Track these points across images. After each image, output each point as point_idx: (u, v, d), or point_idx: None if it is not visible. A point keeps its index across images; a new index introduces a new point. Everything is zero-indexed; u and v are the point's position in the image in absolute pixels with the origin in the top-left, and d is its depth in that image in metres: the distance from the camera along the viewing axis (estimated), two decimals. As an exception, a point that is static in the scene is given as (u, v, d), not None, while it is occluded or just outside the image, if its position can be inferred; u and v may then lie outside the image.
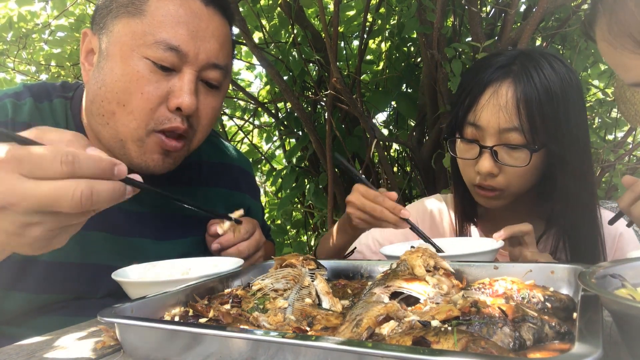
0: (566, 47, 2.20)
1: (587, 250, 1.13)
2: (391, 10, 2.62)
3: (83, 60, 1.04)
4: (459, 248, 1.02)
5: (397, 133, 3.01)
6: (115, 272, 0.89)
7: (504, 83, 1.08)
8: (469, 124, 1.12)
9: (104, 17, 0.99)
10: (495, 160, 1.09)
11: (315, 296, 0.73)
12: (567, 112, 1.07)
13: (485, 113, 1.09)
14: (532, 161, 1.07)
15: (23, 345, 0.72)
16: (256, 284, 0.75)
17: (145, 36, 0.94)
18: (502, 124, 1.07)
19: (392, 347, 0.44)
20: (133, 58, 0.94)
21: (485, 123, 1.09)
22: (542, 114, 1.05)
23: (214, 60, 1.00)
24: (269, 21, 2.90)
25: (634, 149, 2.38)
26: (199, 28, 0.97)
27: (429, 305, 0.60)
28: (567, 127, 1.07)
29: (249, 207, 1.37)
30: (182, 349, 0.55)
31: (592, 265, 0.57)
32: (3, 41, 2.85)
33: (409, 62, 2.79)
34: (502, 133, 1.07)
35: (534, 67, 1.08)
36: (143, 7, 0.95)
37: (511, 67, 1.10)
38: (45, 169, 0.55)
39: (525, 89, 1.06)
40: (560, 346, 0.51)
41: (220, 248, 1.12)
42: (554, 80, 1.07)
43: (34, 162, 0.55)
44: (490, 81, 1.10)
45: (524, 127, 1.05)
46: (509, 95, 1.06)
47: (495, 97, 1.08)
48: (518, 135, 1.06)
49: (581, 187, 1.11)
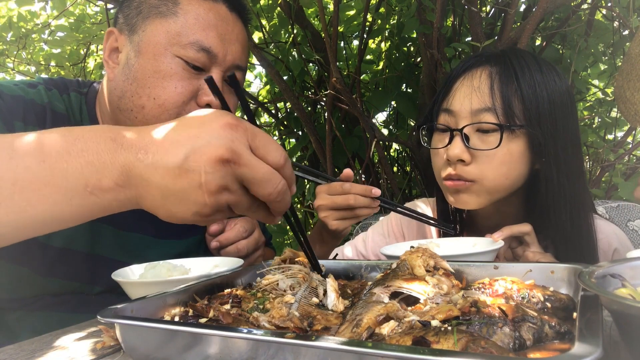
0: (566, 47, 2.20)
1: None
2: (391, 10, 2.62)
3: (107, 58, 1.07)
4: (459, 248, 1.02)
5: (397, 133, 3.01)
6: (115, 272, 0.89)
7: (480, 68, 1.04)
8: (443, 111, 1.07)
9: (133, 17, 1.03)
10: (465, 145, 1.01)
11: (322, 297, 0.73)
12: (553, 108, 1.01)
13: (458, 96, 1.04)
14: (509, 149, 1.00)
15: (23, 345, 0.72)
16: (266, 278, 0.75)
17: (179, 36, 0.99)
18: (474, 105, 1.01)
19: (392, 347, 0.44)
20: (166, 56, 0.99)
21: (457, 107, 1.04)
22: (521, 96, 1.00)
23: (237, 61, 1.06)
24: (269, 21, 2.90)
25: (634, 148, 2.38)
26: (227, 31, 1.04)
27: (429, 305, 0.60)
28: (552, 120, 1.01)
29: None
30: (182, 349, 0.55)
31: (592, 265, 0.57)
32: (3, 41, 2.85)
33: (409, 62, 2.79)
34: (475, 115, 1.01)
35: (515, 56, 1.05)
36: (175, 9, 1.01)
37: (490, 55, 1.07)
38: (270, 152, 0.60)
39: (501, 71, 1.02)
40: (560, 346, 0.51)
41: (219, 246, 1.12)
42: (536, 74, 1.02)
43: (265, 142, 0.60)
44: (467, 68, 1.07)
45: (497, 108, 0.99)
46: (483, 77, 1.02)
47: (469, 80, 1.04)
48: (491, 116, 0.99)
49: (569, 194, 1.03)
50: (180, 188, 0.57)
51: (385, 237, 1.33)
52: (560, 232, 1.04)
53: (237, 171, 0.58)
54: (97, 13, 3.17)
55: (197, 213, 0.59)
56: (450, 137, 1.04)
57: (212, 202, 0.58)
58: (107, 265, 1.01)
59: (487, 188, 1.03)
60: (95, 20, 3.03)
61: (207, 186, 0.57)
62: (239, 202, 0.60)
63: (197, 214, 0.59)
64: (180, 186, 0.57)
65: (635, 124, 1.58)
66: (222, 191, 0.58)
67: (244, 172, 0.58)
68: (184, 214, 0.59)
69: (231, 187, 0.58)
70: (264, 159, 0.59)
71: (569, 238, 1.04)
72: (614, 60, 2.25)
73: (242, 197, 0.60)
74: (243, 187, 0.59)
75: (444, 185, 1.09)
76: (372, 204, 1.03)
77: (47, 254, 1.00)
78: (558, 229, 1.04)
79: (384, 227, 1.35)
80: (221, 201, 0.58)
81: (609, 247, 1.10)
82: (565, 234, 1.04)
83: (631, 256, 0.70)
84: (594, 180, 2.41)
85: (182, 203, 0.58)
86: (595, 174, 2.45)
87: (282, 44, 2.88)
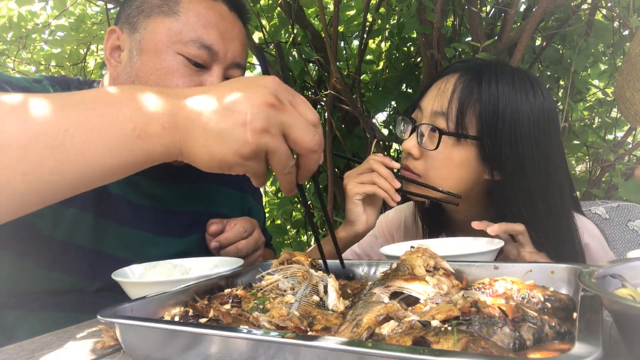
0: (566, 47, 2.20)
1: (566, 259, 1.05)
2: (391, 10, 2.62)
3: (108, 56, 1.08)
4: (459, 248, 1.02)
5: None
6: (115, 272, 0.89)
7: (454, 73, 1.09)
8: (417, 107, 1.15)
9: (135, 16, 1.05)
10: (418, 142, 1.09)
11: (323, 294, 0.73)
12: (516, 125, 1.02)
13: (429, 95, 1.12)
14: (450, 154, 1.05)
15: (23, 345, 0.72)
16: (266, 278, 0.75)
17: (181, 34, 1.01)
18: (434, 107, 1.08)
19: (392, 347, 0.44)
20: (168, 54, 1.00)
21: (425, 105, 1.12)
22: (478, 108, 1.03)
23: (238, 59, 1.07)
24: (269, 21, 2.90)
25: (634, 148, 2.38)
26: (227, 29, 1.05)
27: (429, 305, 0.60)
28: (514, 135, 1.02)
29: (250, 209, 1.37)
30: (182, 349, 0.55)
31: (592, 266, 0.57)
32: (3, 41, 2.85)
33: (409, 62, 2.79)
34: (432, 116, 1.08)
35: (488, 69, 1.07)
36: (177, 8, 1.02)
37: (470, 65, 1.11)
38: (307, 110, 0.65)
39: (466, 81, 1.06)
40: (560, 346, 0.51)
41: (219, 246, 1.12)
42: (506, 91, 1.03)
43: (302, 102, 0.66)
44: (448, 71, 1.12)
45: (451, 114, 1.05)
46: (451, 82, 1.08)
47: (442, 83, 1.10)
48: (442, 120, 1.06)
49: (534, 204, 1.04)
50: (224, 127, 0.60)
51: (376, 238, 1.37)
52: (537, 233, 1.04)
53: (281, 116, 0.61)
54: (97, 13, 3.17)
55: (237, 152, 0.61)
56: (411, 132, 1.13)
57: (254, 141, 0.60)
58: (108, 261, 1.02)
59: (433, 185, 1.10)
60: (96, 20, 3.04)
61: (251, 124, 0.60)
62: (277, 149, 0.63)
63: (237, 154, 0.61)
64: (225, 125, 0.60)
65: (635, 124, 1.58)
66: (264, 132, 0.60)
67: (287, 118, 0.62)
68: (225, 153, 0.61)
69: (273, 131, 0.61)
70: (302, 115, 0.64)
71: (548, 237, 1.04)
72: (614, 60, 2.26)
73: (281, 145, 0.63)
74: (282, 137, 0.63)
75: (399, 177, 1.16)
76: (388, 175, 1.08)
77: (50, 247, 1.01)
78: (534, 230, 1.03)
79: (375, 228, 1.38)
80: (262, 142, 0.61)
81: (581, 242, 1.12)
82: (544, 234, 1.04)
83: (631, 256, 0.70)
84: (594, 181, 2.41)
85: (224, 141, 0.61)
86: (595, 174, 2.45)
87: (282, 43, 2.88)
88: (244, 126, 0.60)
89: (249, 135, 0.60)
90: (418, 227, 1.31)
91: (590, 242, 1.13)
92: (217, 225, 1.13)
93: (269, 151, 0.63)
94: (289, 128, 0.62)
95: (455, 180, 1.09)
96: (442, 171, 1.09)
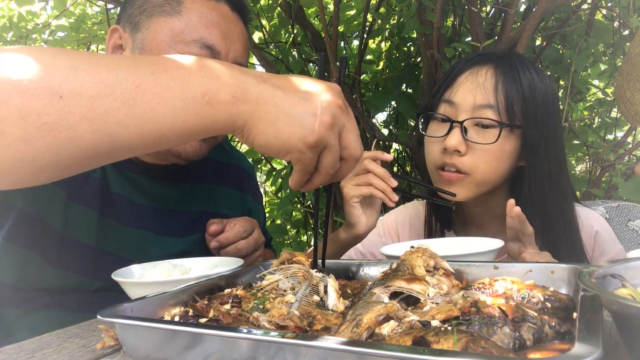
0: (566, 47, 2.20)
1: (566, 253, 1.09)
2: (391, 10, 2.62)
3: None
4: (459, 248, 1.02)
5: (397, 133, 3.01)
6: (115, 272, 0.89)
7: (485, 66, 1.09)
8: (444, 101, 1.12)
9: (137, 15, 1.05)
10: (464, 137, 1.06)
11: (323, 294, 0.73)
12: (546, 110, 1.07)
13: (462, 89, 1.09)
14: (502, 146, 1.05)
15: (23, 345, 0.72)
16: (267, 278, 0.75)
17: (183, 34, 1.01)
18: (477, 100, 1.06)
19: (392, 347, 0.44)
20: (170, 53, 1.00)
21: (460, 99, 1.09)
22: (522, 97, 1.05)
23: (239, 59, 1.08)
24: (269, 21, 2.90)
25: (634, 148, 2.38)
26: (229, 30, 1.06)
27: (429, 305, 0.60)
28: (546, 120, 1.07)
29: (250, 209, 1.37)
30: (182, 349, 0.55)
31: (592, 265, 0.57)
32: (3, 41, 2.85)
33: (409, 62, 2.79)
34: (476, 110, 1.06)
35: (517, 59, 1.10)
36: (179, 8, 1.02)
37: (494, 56, 1.12)
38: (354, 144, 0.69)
39: (505, 71, 1.07)
40: (560, 346, 0.51)
41: (218, 246, 1.12)
42: (535, 77, 1.08)
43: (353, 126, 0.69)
44: (472, 64, 1.11)
45: (500, 106, 1.05)
46: (489, 74, 1.07)
47: (475, 76, 1.09)
48: (492, 112, 1.05)
49: (548, 189, 1.08)
50: (296, 111, 0.62)
51: (381, 236, 1.36)
52: (546, 221, 1.08)
53: (344, 118, 0.66)
54: (98, 13, 3.17)
55: (302, 138, 0.62)
56: (449, 128, 1.09)
57: (320, 132, 0.63)
58: (110, 260, 1.03)
59: (477, 181, 1.09)
60: (96, 20, 3.03)
61: (321, 116, 0.63)
62: (334, 146, 0.65)
63: (302, 139, 0.62)
64: (297, 110, 0.62)
65: (635, 124, 1.58)
66: (330, 127, 0.63)
67: (347, 122, 0.66)
68: (292, 135, 0.63)
69: (335, 129, 0.65)
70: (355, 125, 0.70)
71: (554, 226, 1.09)
72: (614, 60, 2.25)
73: (337, 144, 0.66)
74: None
75: (437, 175, 1.13)
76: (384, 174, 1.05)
77: (58, 244, 1.02)
78: (544, 218, 1.08)
79: (379, 227, 1.36)
80: (325, 136, 0.63)
81: (591, 230, 1.16)
82: (551, 223, 1.09)
83: (631, 256, 0.70)
84: (594, 181, 2.41)
85: (294, 124, 0.62)
86: (595, 174, 2.44)
87: (282, 44, 2.88)
88: (315, 116, 0.62)
89: (317, 126, 0.62)
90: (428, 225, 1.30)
91: (600, 230, 1.16)
92: (216, 225, 1.13)
93: (327, 146, 0.65)
94: (346, 131, 0.66)
95: (503, 172, 1.09)
96: (493, 164, 1.07)
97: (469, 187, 1.10)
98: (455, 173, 1.09)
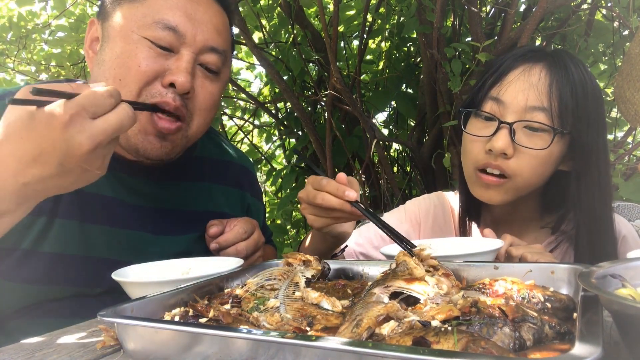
0: (566, 47, 2.20)
1: (607, 255, 1.06)
2: (391, 10, 2.62)
3: (87, 48, 1.07)
4: (459, 248, 1.02)
5: (397, 133, 3.01)
6: (115, 272, 0.89)
7: (538, 64, 1.03)
8: (491, 99, 1.05)
9: (108, 5, 1.04)
10: (512, 139, 1.00)
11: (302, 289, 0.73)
12: (597, 111, 1.03)
13: (513, 88, 1.02)
14: (551, 152, 1.00)
15: (23, 345, 0.72)
16: (248, 283, 0.76)
17: (145, 17, 0.99)
18: (530, 102, 1.00)
19: (392, 347, 0.44)
20: (132, 37, 0.99)
21: (510, 98, 1.02)
22: (575, 101, 1.00)
23: (211, 43, 1.04)
24: (269, 21, 2.90)
25: (634, 149, 2.37)
26: (197, 11, 1.02)
27: (429, 305, 0.60)
28: (597, 123, 1.03)
29: (249, 205, 1.37)
30: (182, 349, 0.55)
31: (592, 265, 0.57)
32: (3, 41, 2.85)
33: (409, 62, 2.79)
34: (528, 111, 1.01)
35: (570, 59, 1.05)
36: None
37: (546, 53, 1.06)
38: (103, 105, 0.70)
39: (560, 73, 1.01)
40: (560, 346, 0.51)
41: (218, 248, 1.12)
42: (587, 79, 1.04)
43: (94, 104, 0.69)
44: (524, 60, 1.05)
45: (553, 109, 0.99)
46: (543, 74, 1.01)
47: (527, 75, 1.02)
48: (544, 116, 0.99)
49: (597, 194, 1.04)
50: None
51: (401, 222, 1.30)
52: (594, 225, 1.05)
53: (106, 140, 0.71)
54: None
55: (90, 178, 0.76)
56: (496, 128, 1.03)
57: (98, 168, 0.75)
58: (106, 265, 0.99)
59: (518, 186, 1.04)
60: (96, 20, 3.03)
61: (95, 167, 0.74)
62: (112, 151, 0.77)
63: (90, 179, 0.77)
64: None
65: (635, 124, 1.58)
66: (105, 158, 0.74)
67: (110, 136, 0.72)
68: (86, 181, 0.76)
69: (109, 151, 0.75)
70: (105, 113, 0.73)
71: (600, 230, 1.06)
72: (614, 60, 2.25)
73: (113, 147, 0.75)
74: None
75: (475, 176, 1.08)
76: (343, 207, 0.90)
77: (37, 262, 0.97)
78: (593, 223, 1.05)
79: (401, 213, 1.33)
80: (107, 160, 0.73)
81: (619, 234, 1.12)
82: (599, 227, 1.05)
83: (631, 256, 0.70)
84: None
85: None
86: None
87: (282, 44, 2.88)
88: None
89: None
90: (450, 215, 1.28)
91: (627, 235, 1.13)
92: (216, 227, 1.12)
93: None
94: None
95: (545, 177, 1.05)
96: (539, 170, 1.02)
97: (507, 191, 1.05)
98: (496, 177, 1.04)
